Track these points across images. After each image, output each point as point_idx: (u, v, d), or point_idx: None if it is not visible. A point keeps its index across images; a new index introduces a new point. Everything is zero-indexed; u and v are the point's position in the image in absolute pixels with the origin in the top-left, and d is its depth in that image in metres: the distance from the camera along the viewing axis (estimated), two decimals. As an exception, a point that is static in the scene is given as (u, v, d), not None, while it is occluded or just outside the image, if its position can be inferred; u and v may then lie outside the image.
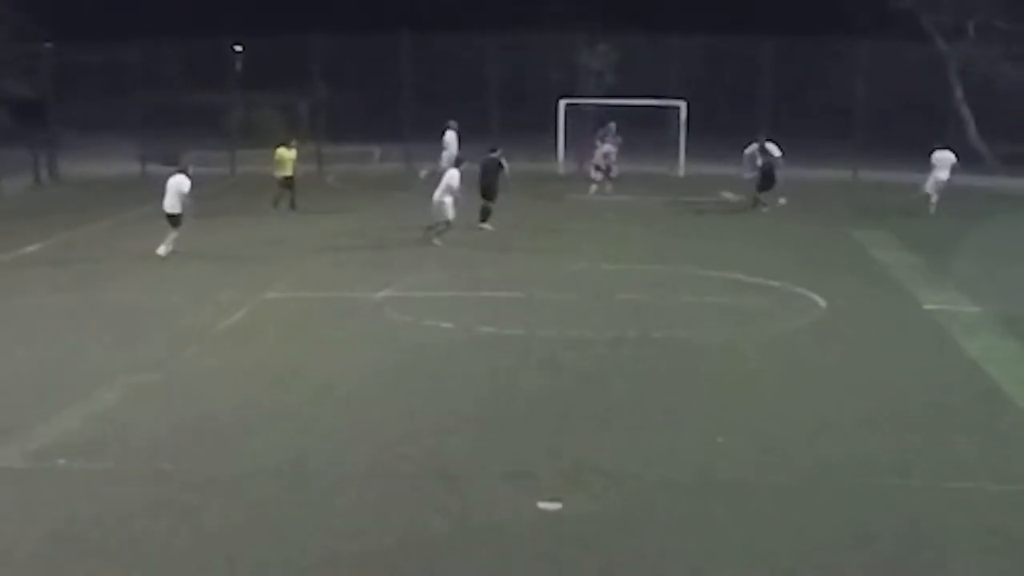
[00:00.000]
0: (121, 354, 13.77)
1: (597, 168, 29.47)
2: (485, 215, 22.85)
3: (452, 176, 21.23)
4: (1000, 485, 9.79)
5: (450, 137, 30.58)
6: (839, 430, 11.20)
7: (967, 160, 32.73)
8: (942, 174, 27.52)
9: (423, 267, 19.28)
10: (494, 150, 23.57)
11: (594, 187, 29.15)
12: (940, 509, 9.27)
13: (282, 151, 26.07)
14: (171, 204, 19.82)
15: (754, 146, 27.43)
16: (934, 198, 27.37)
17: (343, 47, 34.84)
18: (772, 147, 26.82)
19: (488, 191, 23.00)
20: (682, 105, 33.37)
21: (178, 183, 19.87)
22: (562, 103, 33.95)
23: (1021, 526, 8.98)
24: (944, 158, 27.72)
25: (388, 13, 36.24)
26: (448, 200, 20.88)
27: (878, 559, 8.38)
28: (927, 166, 28.97)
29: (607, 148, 29.49)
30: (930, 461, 10.37)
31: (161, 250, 19.60)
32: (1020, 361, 13.94)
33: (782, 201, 26.63)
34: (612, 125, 30.09)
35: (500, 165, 23.32)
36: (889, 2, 35.25)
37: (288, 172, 26.00)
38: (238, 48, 38.06)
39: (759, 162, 27.06)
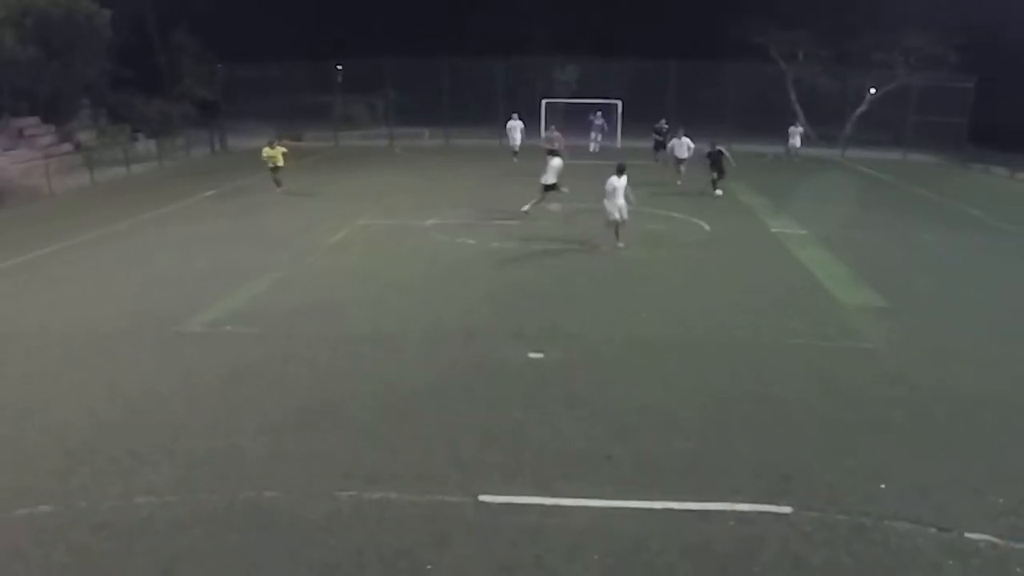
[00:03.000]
0: (265, 259, 13.46)
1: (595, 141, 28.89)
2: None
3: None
4: (819, 342, 9.62)
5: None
6: (718, 307, 10.98)
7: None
8: (794, 140, 29.81)
9: (457, 204, 18.75)
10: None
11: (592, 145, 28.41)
12: (782, 357, 9.11)
13: (267, 150, 20.45)
14: (547, 177, 16.61)
15: (663, 124, 27.56)
16: (795, 157, 29.41)
17: (405, 66, 34.23)
18: (686, 140, 23.33)
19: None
20: (619, 103, 32.65)
21: (555, 164, 16.63)
22: (543, 103, 33.17)
23: (830, 366, 8.85)
24: (795, 131, 30.15)
25: (433, 44, 35.25)
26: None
27: (745, 385, 8.24)
28: (777, 141, 29.72)
29: (596, 127, 29.58)
30: (776, 326, 10.18)
31: (553, 206, 16.86)
32: (832, 264, 13.65)
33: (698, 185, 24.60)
34: (598, 112, 29.65)
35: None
36: (748, 38, 34.52)
37: (278, 163, 20.41)
38: (339, 67, 37.46)
39: (658, 137, 27.23)
